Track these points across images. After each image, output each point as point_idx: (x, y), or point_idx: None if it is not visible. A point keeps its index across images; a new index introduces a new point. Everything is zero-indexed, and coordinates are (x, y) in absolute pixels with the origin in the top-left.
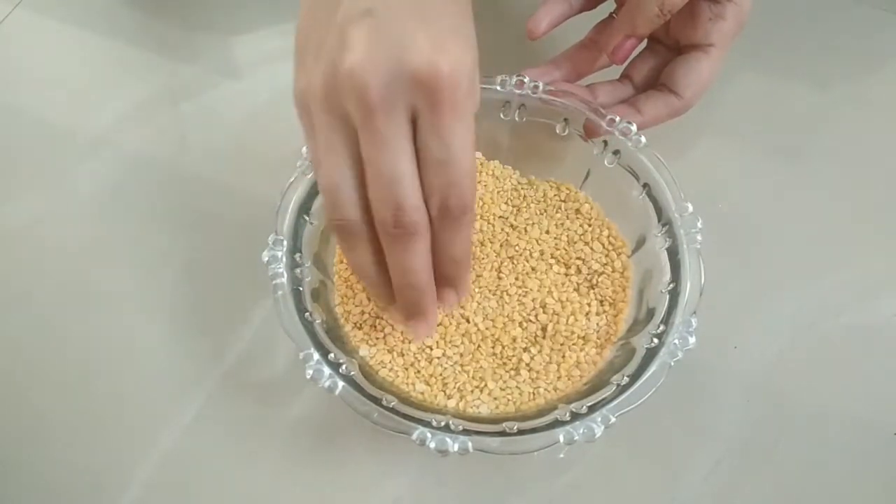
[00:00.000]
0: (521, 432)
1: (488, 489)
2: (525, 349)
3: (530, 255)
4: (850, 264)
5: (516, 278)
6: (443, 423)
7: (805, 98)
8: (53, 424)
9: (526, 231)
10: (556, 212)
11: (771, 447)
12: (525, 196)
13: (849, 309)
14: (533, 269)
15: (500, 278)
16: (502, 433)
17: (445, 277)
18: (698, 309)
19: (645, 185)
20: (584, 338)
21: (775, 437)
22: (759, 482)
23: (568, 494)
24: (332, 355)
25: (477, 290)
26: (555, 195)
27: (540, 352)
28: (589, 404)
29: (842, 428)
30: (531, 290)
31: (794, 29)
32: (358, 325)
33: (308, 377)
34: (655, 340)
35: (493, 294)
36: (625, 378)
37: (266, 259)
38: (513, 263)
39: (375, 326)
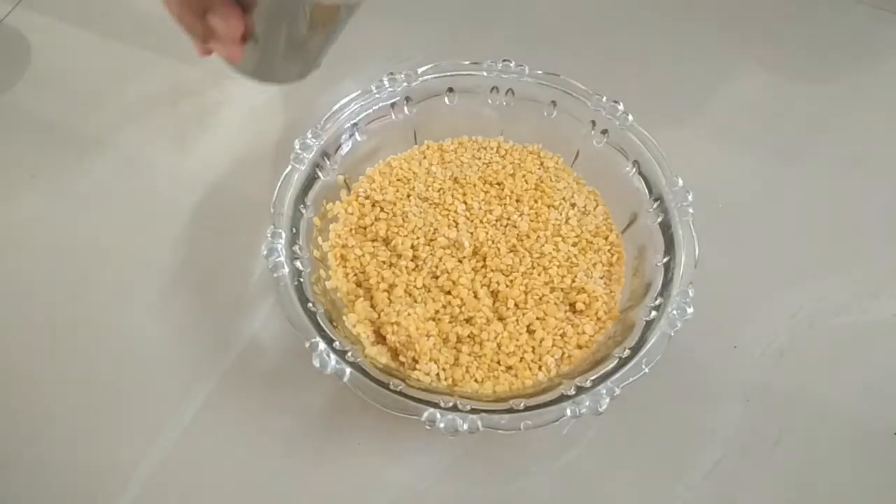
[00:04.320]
0: (528, 409)
1: (488, 487)
2: (539, 318)
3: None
4: (850, 264)
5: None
6: (451, 404)
7: (805, 98)
8: (54, 423)
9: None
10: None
11: (771, 447)
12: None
13: (849, 309)
14: (527, 236)
15: (498, 256)
16: (510, 410)
17: None
18: (698, 304)
19: (635, 163)
20: (591, 294)
21: (775, 437)
22: (759, 482)
23: (568, 496)
24: (337, 343)
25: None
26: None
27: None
28: (592, 378)
29: (842, 428)
30: (535, 252)
31: (794, 29)
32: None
33: (316, 365)
34: (654, 312)
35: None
36: (626, 351)
37: (265, 252)
38: (505, 236)
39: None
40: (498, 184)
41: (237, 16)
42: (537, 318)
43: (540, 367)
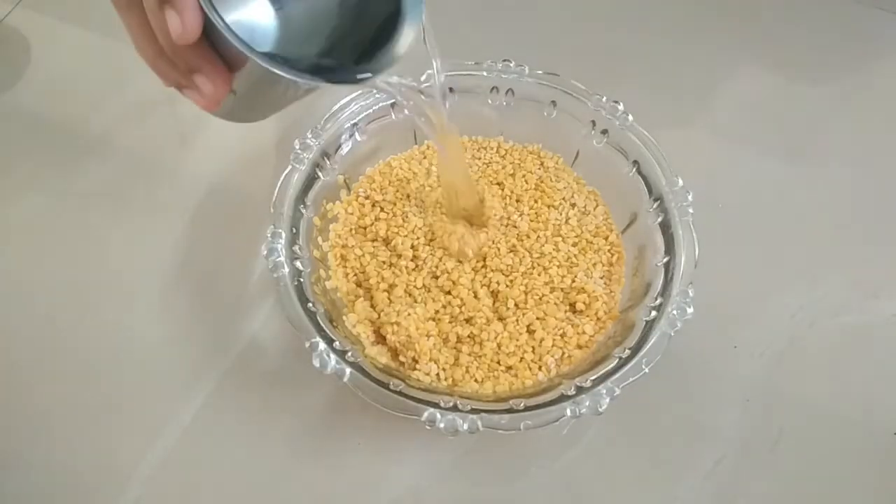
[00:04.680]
0: (528, 409)
1: (488, 487)
2: (539, 318)
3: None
4: (850, 264)
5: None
6: (451, 404)
7: (805, 98)
8: (54, 423)
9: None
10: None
11: (771, 447)
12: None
13: (849, 309)
14: (527, 236)
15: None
16: (510, 410)
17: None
18: (698, 304)
19: (635, 163)
20: (591, 294)
21: (775, 437)
22: (759, 482)
23: (568, 496)
24: (337, 343)
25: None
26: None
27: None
28: (592, 377)
29: (842, 428)
30: (534, 252)
31: (793, 29)
32: (361, 320)
33: (316, 365)
34: (654, 313)
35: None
36: (626, 351)
37: (265, 252)
38: (504, 237)
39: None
40: (498, 184)
41: (225, 79)
42: (537, 318)
43: (540, 367)
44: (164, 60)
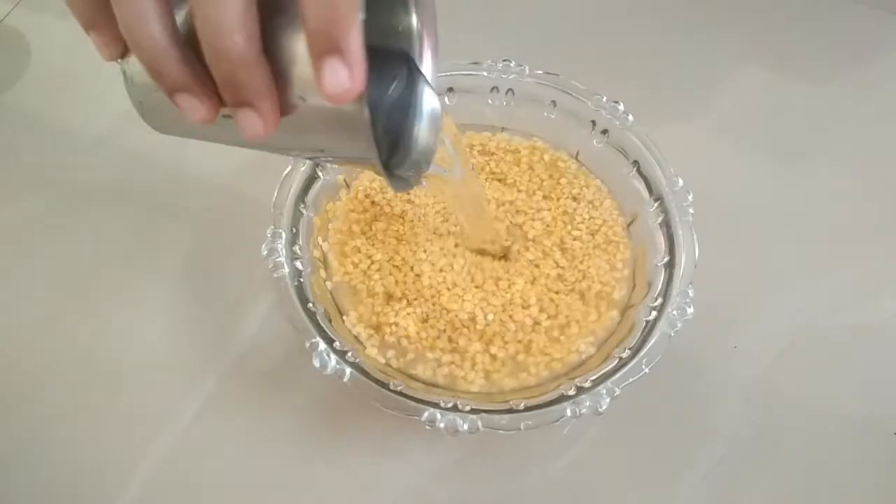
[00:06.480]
0: (528, 409)
1: (488, 487)
2: (541, 310)
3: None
4: (850, 264)
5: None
6: (451, 404)
7: (805, 98)
8: (54, 422)
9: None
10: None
11: (771, 447)
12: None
13: (849, 309)
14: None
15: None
16: (510, 410)
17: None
18: (698, 304)
19: (635, 163)
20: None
21: (775, 437)
22: (759, 482)
23: (568, 496)
24: (337, 343)
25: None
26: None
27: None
28: (592, 377)
29: (842, 428)
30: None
31: (793, 29)
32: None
33: (316, 365)
34: (654, 313)
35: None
36: (626, 351)
37: (265, 252)
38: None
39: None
40: (499, 181)
41: (274, 123)
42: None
43: (542, 366)
44: (176, 59)
